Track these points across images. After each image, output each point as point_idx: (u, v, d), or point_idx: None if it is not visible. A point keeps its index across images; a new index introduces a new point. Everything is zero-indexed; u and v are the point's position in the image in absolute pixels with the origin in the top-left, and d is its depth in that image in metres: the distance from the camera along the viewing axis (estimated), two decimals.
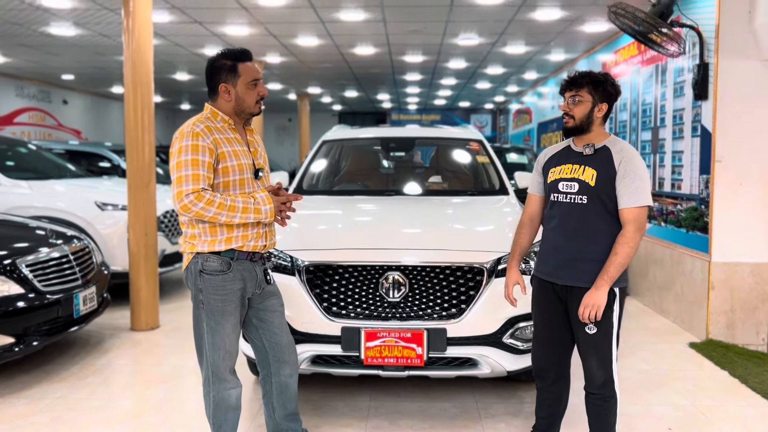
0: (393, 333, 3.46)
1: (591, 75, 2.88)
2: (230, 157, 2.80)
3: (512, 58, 9.86)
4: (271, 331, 3.02)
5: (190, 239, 2.84)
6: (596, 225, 2.83)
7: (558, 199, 2.93)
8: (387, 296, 3.53)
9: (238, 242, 2.82)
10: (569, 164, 2.92)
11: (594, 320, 2.74)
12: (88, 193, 6.63)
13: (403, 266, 3.53)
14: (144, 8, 5.63)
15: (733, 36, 5.18)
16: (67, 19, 7.12)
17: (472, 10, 6.67)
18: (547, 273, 2.95)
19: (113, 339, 5.42)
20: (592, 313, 2.71)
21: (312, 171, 5.25)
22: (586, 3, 6.42)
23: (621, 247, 2.74)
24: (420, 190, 5.03)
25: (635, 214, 2.77)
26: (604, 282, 2.72)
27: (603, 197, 2.82)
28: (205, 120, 2.83)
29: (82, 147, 10.01)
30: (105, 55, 9.39)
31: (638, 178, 2.78)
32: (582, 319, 2.75)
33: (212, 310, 2.82)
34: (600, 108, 2.87)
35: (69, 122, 14.36)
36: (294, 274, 3.61)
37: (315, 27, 7.57)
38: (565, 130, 2.94)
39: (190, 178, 2.69)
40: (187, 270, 2.89)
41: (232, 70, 2.84)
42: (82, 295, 4.75)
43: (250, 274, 2.90)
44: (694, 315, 5.56)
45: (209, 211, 2.70)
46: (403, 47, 9.01)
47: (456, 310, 3.54)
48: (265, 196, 2.83)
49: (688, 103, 5.77)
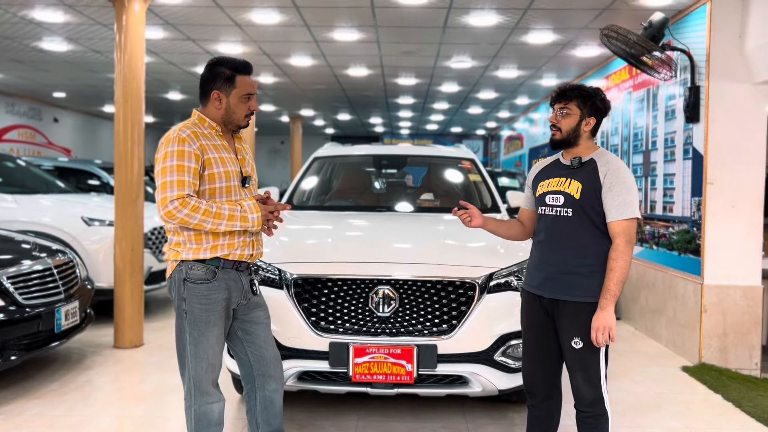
0: (382, 349, 3.38)
1: (581, 88, 2.86)
2: (217, 164, 2.75)
3: (504, 83, 9.92)
4: (256, 344, 2.93)
5: (175, 246, 2.77)
6: (582, 238, 2.80)
7: (545, 212, 2.90)
8: (377, 311, 3.45)
9: (223, 250, 2.75)
10: (556, 177, 2.90)
11: (605, 340, 2.69)
12: (74, 208, 6.54)
13: (393, 280, 3.47)
14: (137, 24, 5.62)
15: (724, 59, 5.21)
16: (59, 34, 7.10)
17: (465, 31, 6.71)
18: (534, 286, 2.91)
19: (95, 356, 5.29)
20: (605, 335, 2.66)
21: (302, 187, 5.20)
22: (578, 27, 6.47)
23: (615, 262, 2.69)
24: (411, 208, 4.98)
25: (624, 227, 2.73)
26: (608, 301, 2.67)
27: (588, 210, 2.79)
28: (191, 126, 2.78)
29: (72, 164, 9.92)
30: (97, 72, 9.36)
31: (625, 191, 2.75)
32: (597, 344, 2.69)
33: (195, 320, 2.74)
34: (587, 122, 2.85)
35: (59, 141, 14.28)
36: (282, 288, 3.53)
37: (309, 47, 7.59)
38: (552, 143, 2.93)
39: (175, 184, 2.63)
40: (170, 278, 2.81)
41: (229, 80, 2.79)
42: (65, 309, 4.63)
43: (236, 284, 2.82)
44: (687, 339, 5.50)
45: (194, 218, 2.63)
46: (396, 69, 9.05)
47: (447, 326, 3.46)
48: (253, 204, 2.77)
49: (679, 126, 5.79)
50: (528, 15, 6.06)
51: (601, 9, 5.82)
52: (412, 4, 5.82)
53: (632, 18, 5.84)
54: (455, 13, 6.07)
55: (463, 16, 6.17)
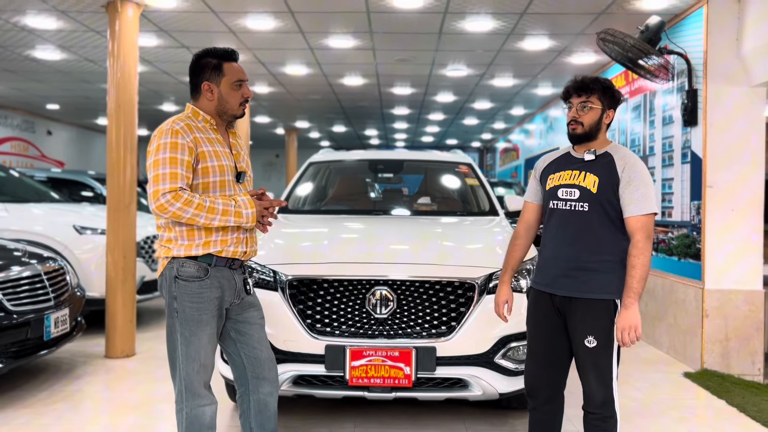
0: (380, 351, 3.29)
1: (601, 80, 2.79)
2: (210, 157, 2.67)
3: (500, 92, 9.91)
4: (249, 345, 2.84)
5: (166, 243, 2.69)
6: (598, 233, 2.72)
7: (557, 206, 2.81)
8: (374, 313, 3.37)
9: (216, 247, 2.67)
10: (569, 170, 2.81)
11: (631, 340, 2.61)
12: (66, 217, 6.44)
13: (391, 281, 3.38)
14: (130, 30, 5.57)
15: (721, 62, 5.19)
16: (52, 42, 7.04)
17: (461, 38, 6.69)
18: (546, 284, 2.82)
19: (86, 366, 5.17)
20: (632, 335, 2.59)
21: (297, 193, 5.13)
22: (574, 32, 6.45)
23: (636, 259, 2.62)
24: (408, 212, 4.91)
25: (643, 222, 2.66)
26: (632, 300, 2.60)
27: (605, 204, 2.71)
28: (185, 118, 2.71)
29: (65, 175, 9.84)
30: (91, 83, 9.31)
31: (643, 185, 2.68)
32: (624, 344, 2.62)
33: (187, 319, 2.65)
34: (608, 115, 2.79)
35: (52, 153, 14.19)
36: (276, 290, 3.45)
37: (304, 54, 7.56)
38: (572, 137, 2.82)
39: (168, 177, 2.55)
40: (161, 276, 2.73)
41: (216, 68, 2.73)
42: (54, 316, 4.53)
43: (229, 282, 2.73)
44: (688, 344, 5.42)
45: (187, 212, 2.55)
46: (392, 78, 9.02)
47: (446, 327, 3.38)
48: (247, 199, 2.69)
49: (677, 130, 5.75)
50: (524, 20, 6.04)
51: (597, 13, 5.80)
52: (407, 9, 5.80)
53: (628, 22, 5.83)
54: (451, 19, 6.05)
55: (459, 22, 6.15)
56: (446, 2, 5.58)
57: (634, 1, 5.42)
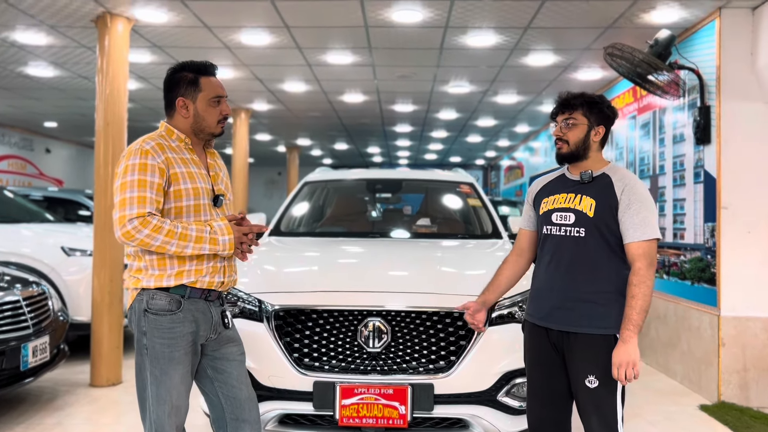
0: (373, 389, 3.03)
1: (585, 96, 2.59)
2: (184, 180, 2.44)
3: (504, 109, 9.70)
4: (228, 384, 2.59)
5: (135, 273, 2.46)
6: (596, 261, 2.49)
7: (551, 231, 2.58)
8: (366, 346, 3.11)
9: (190, 277, 2.43)
10: (564, 193, 2.59)
11: (627, 378, 2.36)
12: (55, 238, 6.23)
13: (385, 311, 3.13)
14: (120, 46, 5.39)
15: (735, 78, 4.96)
16: (44, 58, 6.88)
17: (463, 53, 6.48)
18: (540, 317, 2.58)
19: (68, 395, 4.92)
20: (629, 372, 2.34)
21: (291, 213, 4.89)
22: (580, 47, 6.24)
23: (637, 288, 2.38)
24: (407, 234, 4.66)
25: (644, 249, 2.42)
26: (630, 333, 2.35)
27: (603, 230, 2.48)
28: (157, 137, 2.49)
29: (61, 194, 9.67)
30: (86, 100, 9.14)
31: (644, 208, 2.46)
32: (621, 382, 2.37)
33: (157, 357, 2.41)
34: (596, 131, 2.57)
35: (51, 171, 14.03)
36: (261, 321, 3.20)
37: (302, 71, 7.37)
38: (558, 157, 2.63)
39: (135, 201, 2.33)
40: (130, 309, 2.49)
41: (192, 83, 2.52)
42: (32, 345, 4.29)
43: (204, 316, 2.49)
44: (703, 374, 5.13)
45: (156, 239, 2.32)
46: (393, 95, 8.83)
47: (445, 362, 3.12)
48: (224, 225, 2.46)
49: (689, 149, 5.50)
50: (528, 34, 5.83)
51: (604, 27, 5.59)
52: (407, 24, 5.60)
53: (636, 37, 5.61)
54: (452, 33, 5.85)
55: (461, 37, 5.95)
56: (447, 16, 5.38)
57: (643, 15, 5.20)
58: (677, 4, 4.95)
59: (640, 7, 5.04)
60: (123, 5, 5.17)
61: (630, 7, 5.04)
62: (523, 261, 2.81)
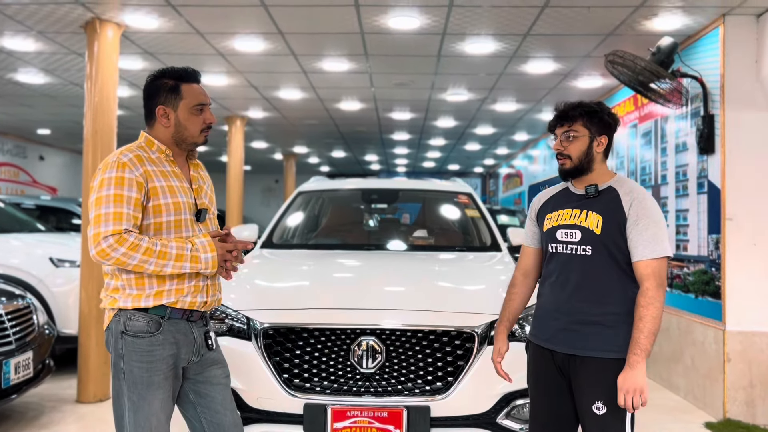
0: (366, 412, 2.89)
1: (583, 105, 2.44)
2: (164, 194, 2.30)
3: (502, 117, 9.58)
4: (212, 409, 2.44)
5: (112, 293, 2.31)
6: (604, 281, 2.35)
7: (556, 250, 2.44)
8: (360, 366, 2.97)
9: (170, 297, 2.29)
10: (568, 209, 2.45)
11: (634, 405, 2.21)
12: (44, 249, 6.08)
13: (379, 330, 2.99)
14: (109, 52, 5.27)
15: (739, 86, 4.84)
16: (33, 64, 6.74)
17: (461, 60, 6.36)
18: (545, 339, 2.45)
19: (54, 412, 4.77)
20: (636, 399, 2.19)
21: (285, 224, 4.75)
22: (580, 55, 6.12)
23: (645, 310, 2.24)
24: (403, 246, 4.52)
25: (654, 267, 2.29)
26: (638, 358, 2.21)
27: (611, 247, 2.34)
28: (136, 149, 2.35)
29: (53, 203, 9.53)
30: (78, 107, 8.99)
31: (653, 224, 2.32)
32: (627, 409, 2.22)
33: (135, 381, 2.26)
34: (599, 142, 2.43)
35: (44, 179, 13.88)
36: (250, 339, 3.06)
37: (297, 78, 7.24)
38: (562, 173, 2.49)
39: (111, 217, 2.18)
40: (107, 330, 2.35)
41: (173, 91, 2.38)
42: (15, 361, 4.13)
43: (186, 338, 2.35)
44: (708, 390, 4.98)
45: (133, 257, 2.17)
46: (390, 103, 8.71)
47: (442, 383, 2.98)
48: (207, 241, 2.32)
49: (692, 159, 5.38)
50: (527, 41, 5.71)
51: (605, 35, 5.47)
52: (403, 30, 5.48)
53: (637, 44, 5.49)
54: (450, 40, 5.73)
55: (459, 44, 5.82)
56: (444, 23, 5.26)
57: (645, 22, 5.09)
58: (680, 11, 4.83)
59: (642, 13, 4.92)
60: (112, 11, 5.04)
61: (632, 13, 4.93)
62: (530, 280, 2.67)
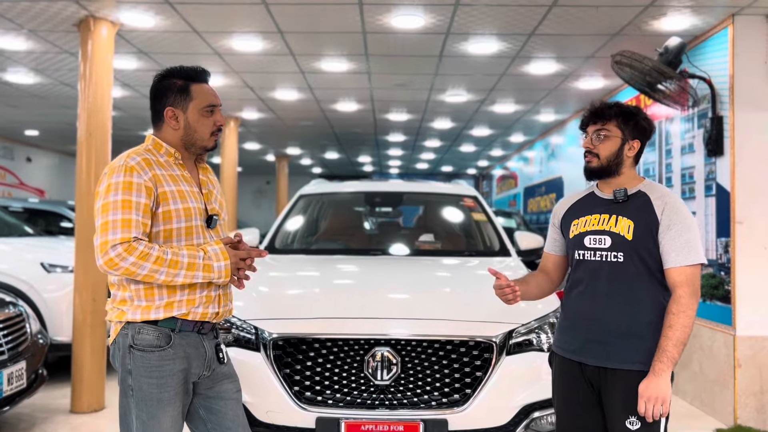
0: (381, 425, 2.78)
1: (621, 106, 2.36)
2: (174, 199, 2.17)
3: (500, 118, 9.49)
4: (222, 426, 2.31)
5: (119, 304, 2.18)
6: (636, 289, 2.26)
7: (585, 257, 2.34)
8: (374, 378, 2.85)
9: (181, 308, 2.16)
10: (596, 214, 2.36)
11: (654, 415, 2.11)
12: (34, 253, 5.91)
13: (394, 340, 2.87)
14: (104, 51, 5.11)
15: (749, 87, 4.77)
16: (23, 64, 6.57)
17: (462, 61, 6.26)
18: (573, 351, 2.34)
19: (47, 423, 4.61)
20: (656, 408, 2.09)
21: (286, 228, 4.63)
22: (584, 55, 6.04)
23: (676, 318, 2.14)
24: (409, 251, 4.41)
25: (687, 275, 2.19)
26: (663, 366, 2.12)
27: (643, 254, 2.25)
28: (144, 152, 2.22)
29: (42, 205, 9.34)
30: (69, 108, 8.81)
31: (686, 230, 2.23)
32: (647, 418, 2.11)
33: (144, 398, 2.13)
34: (631, 146, 2.34)
35: (32, 181, 13.64)
36: (258, 350, 2.93)
37: (295, 78, 7.12)
38: (587, 171, 2.39)
39: (119, 225, 2.05)
40: (114, 344, 2.22)
41: (182, 91, 2.25)
42: (7, 372, 3.97)
43: (197, 351, 2.22)
44: (717, 396, 4.91)
45: (143, 267, 2.04)
46: (388, 104, 8.60)
47: (459, 395, 2.87)
48: (220, 249, 2.19)
49: (699, 160, 5.30)
50: (531, 41, 5.62)
51: (611, 35, 5.39)
52: (407, 30, 5.36)
53: (643, 44, 5.41)
54: (453, 40, 5.62)
55: (462, 44, 5.72)
56: (449, 22, 5.15)
57: (653, 22, 5.01)
58: (689, 10, 4.76)
59: (650, 13, 4.84)
60: (107, 8, 4.89)
61: (640, 13, 4.84)
62: (550, 282, 2.56)
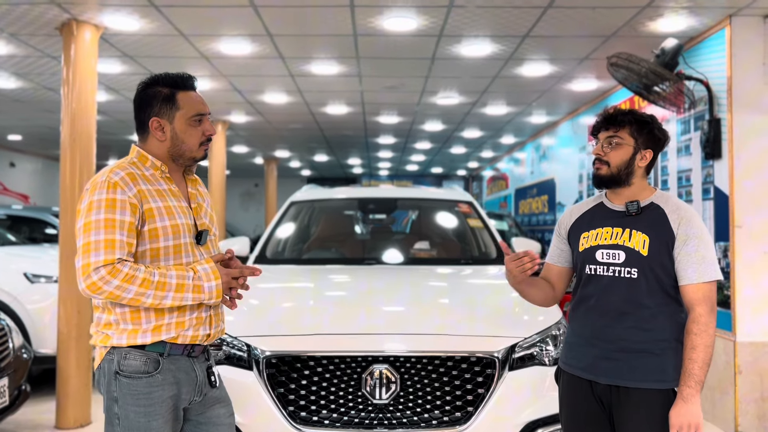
0: None
1: (635, 113, 2.26)
2: (161, 216, 2.05)
3: (491, 120, 9.41)
4: None
5: (104, 328, 2.05)
6: (650, 305, 2.16)
7: (596, 272, 2.24)
8: (372, 397, 2.73)
9: (170, 332, 2.03)
10: (608, 227, 2.26)
11: None
12: (16, 263, 5.74)
13: (393, 357, 2.76)
14: (87, 55, 4.96)
15: (747, 89, 4.70)
16: (4, 68, 6.39)
17: (454, 63, 6.16)
18: (582, 368, 2.23)
19: None
20: None
21: (278, 236, 4.49)
22: (578, 57, 5.96)
23: (698, 339, 2.05)
24: (405, 259, 4.29)
25: (704, 292, 2.11)
26: (692, 390, 2.02)
27: (658, 270, 2.15)
28: (128, 166, 2.09)
29: (25, 212, 9.13)
30: (53, 113, 8.63)
31: (703, 245, 2.14)
32: None
33: (131, 428, 2.00)
34: (643, 155, 2.25)
35: (16, 186, 13.40)
36: (251, 368, 2.81)
37: (284, 81, 6.98)
38: (596, 179, 2.29)
39: (102, 245, 1.93)
40: (99, 370, 2.08)
41: (168, 100, 2.12)
42: None
43: (187, 376, 2.09)
44: (717, 403, 4.83)
45: (129, 290, 1.91)
46: (378, 106, 8.48)
47: (461, 414, 2.75)
48: (210, 268, 2.06)
49: (696, 163, 5.23)
50: (525, 43, 5.52)
51: (606, 37, 5.31)
52: (399, 32, 5.25)
53: (638, 46, 5.33)
54: (446, 42, 5.52)
55: (455, 46, 5.62)
56: (442, 24, 5.04)
57: (649, 23, 4.93)
58: (686, 11, 4.68)
59: (646, 14, 4.75)
60: (90, 11, 4.74)
61: (636, 14, 4.76)
62: (553, 291, 2.46)
